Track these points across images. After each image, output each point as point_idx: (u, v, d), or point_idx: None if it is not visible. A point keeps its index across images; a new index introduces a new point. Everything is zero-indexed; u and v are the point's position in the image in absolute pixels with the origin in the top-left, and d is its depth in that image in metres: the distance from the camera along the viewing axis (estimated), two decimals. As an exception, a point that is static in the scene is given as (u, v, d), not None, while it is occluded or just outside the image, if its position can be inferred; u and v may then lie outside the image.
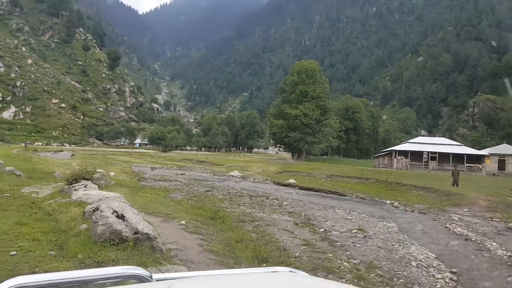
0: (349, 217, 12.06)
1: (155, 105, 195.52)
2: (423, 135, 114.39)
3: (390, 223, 11.50)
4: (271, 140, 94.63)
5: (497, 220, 12.91)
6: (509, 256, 7.93)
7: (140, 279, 1.11)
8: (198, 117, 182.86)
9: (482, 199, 16.21)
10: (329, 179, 28.07)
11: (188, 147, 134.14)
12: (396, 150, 55.09)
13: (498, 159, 56.92)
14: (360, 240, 8.77)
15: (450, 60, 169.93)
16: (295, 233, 9.33)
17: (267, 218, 11.27)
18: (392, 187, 22.36)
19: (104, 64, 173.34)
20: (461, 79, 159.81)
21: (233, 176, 30.69)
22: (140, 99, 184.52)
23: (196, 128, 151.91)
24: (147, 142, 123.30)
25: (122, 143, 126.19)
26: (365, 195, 19.49)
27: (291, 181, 25.77)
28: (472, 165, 52.16)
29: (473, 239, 9.61)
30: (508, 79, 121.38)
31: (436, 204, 16.60)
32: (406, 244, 8.60)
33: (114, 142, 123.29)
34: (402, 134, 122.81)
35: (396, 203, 16.41)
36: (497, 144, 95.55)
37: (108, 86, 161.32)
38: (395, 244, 8.47)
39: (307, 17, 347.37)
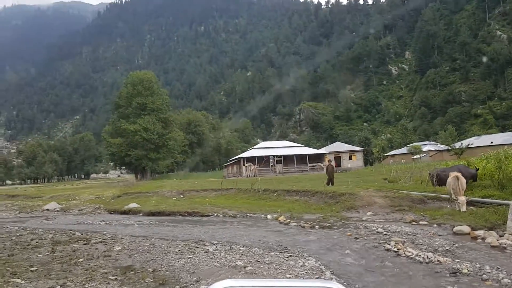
0: (237, 262, 6.73)
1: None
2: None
3: (308, 259, 6.67)
4: (110, 163, 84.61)
5: (425, 222, 9.56)
6: None
7: None
8: (22, 146, 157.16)
9: (376, 196, 13.16)
10: (181, 196, 22.27)
11: (8, 181, 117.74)
12: (243, 157, 53.04)
13: (334, 156, 60.75)
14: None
15: (274, 73, 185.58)
16: None
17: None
18: (260, 195, 18.19)
19: None
20: (286, 89, 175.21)
21: (48, 210, 22.12)
22: None
23: (17, 158, 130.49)
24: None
25: None
26: (234, 211, 14.54)
27: (133, 205, 19.15)
28: (314, 164, 53.81)
29: (463, 270, 5.48)
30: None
31: (326, 210, 12.84)
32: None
33: None
34: (242, 144, 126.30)
35: (281, 217, 11.95)
36: (323, 146, 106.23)
37: None
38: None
39: (137, 36, 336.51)
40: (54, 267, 7.10)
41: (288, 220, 11.39)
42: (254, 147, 63.46)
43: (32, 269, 6.96)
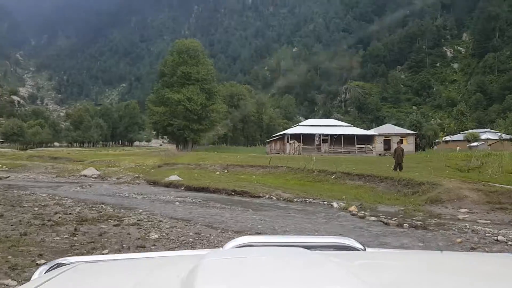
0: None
1: (15, 98, 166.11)
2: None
3: None
4: (153, 131, 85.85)
5: None
6: None
7: (355, 250, 1.12)
8: (70, 111, 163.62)
9: (464, 188, 10.71)
10: (225, 170, 20.61)
11: (56, 144, 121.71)
12: (288, 134, 50.81)
13: (384, 139, 57.10)
14: None
15: (321, 50, 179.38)
16: None
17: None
18: (315, 176, 16.10)
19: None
20: (333, 67, 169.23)
21: (86, 175, 21.21)
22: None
23: (65, 121, 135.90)
24: (2, 140, 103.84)
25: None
26: (289, 193, 12.57)
27: (174, 177, 17.68)
28: (362, 146, 50.72)
29: None
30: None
31: (403, 201, 10.60)
32: None
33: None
34: (284, 121, 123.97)
35: (352, 207, 9.82)
36: (368, 127, 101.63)
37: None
38: None
39: (185, 7, 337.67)
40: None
41: (362, 212, 9.25)
42: (299, 124, 60.95)
43: (39, 261, 5.24)
